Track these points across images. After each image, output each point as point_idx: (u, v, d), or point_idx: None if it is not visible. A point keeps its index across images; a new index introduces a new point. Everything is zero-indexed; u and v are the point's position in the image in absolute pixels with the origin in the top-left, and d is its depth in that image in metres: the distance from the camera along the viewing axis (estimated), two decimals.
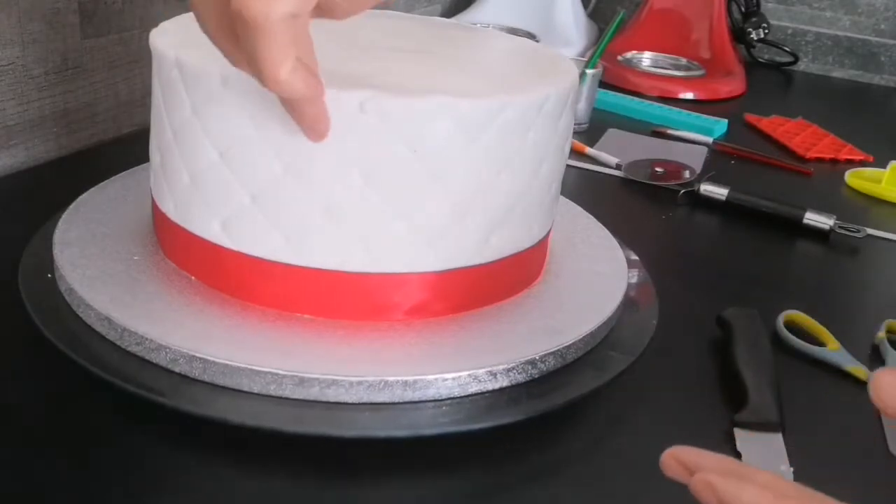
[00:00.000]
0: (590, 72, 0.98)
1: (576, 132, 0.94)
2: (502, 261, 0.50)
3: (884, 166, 0.92)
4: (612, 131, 1.01)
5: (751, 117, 1.13)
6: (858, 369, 0.56)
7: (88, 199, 0.57)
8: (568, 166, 0.57)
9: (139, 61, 0.81)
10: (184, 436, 0.44)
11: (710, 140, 1.01)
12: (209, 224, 0.48)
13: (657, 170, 0.87)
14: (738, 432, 0.49)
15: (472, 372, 0.45)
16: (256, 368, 0.43)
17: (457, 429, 0.44)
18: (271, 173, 0.45)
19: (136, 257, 0.51)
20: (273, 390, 0.43)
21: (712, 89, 1.23)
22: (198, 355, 0.43)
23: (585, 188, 0.86)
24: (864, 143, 1.05)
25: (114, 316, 0.45)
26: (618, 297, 0.53)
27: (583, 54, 1.22)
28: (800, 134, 1.07)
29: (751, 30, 1.40)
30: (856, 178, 0.94)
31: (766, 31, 1.40)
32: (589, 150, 0.93)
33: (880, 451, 0.50)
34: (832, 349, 0.58)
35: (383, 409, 0.43)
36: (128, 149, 0.72)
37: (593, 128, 1.01)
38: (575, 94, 0.52)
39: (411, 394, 0.44)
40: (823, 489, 0.46)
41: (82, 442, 0.43)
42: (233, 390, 0.43)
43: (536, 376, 0.47)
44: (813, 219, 0.78)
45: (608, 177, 0.88)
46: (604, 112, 1.08)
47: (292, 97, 0.37)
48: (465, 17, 1.34)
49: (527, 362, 0.46)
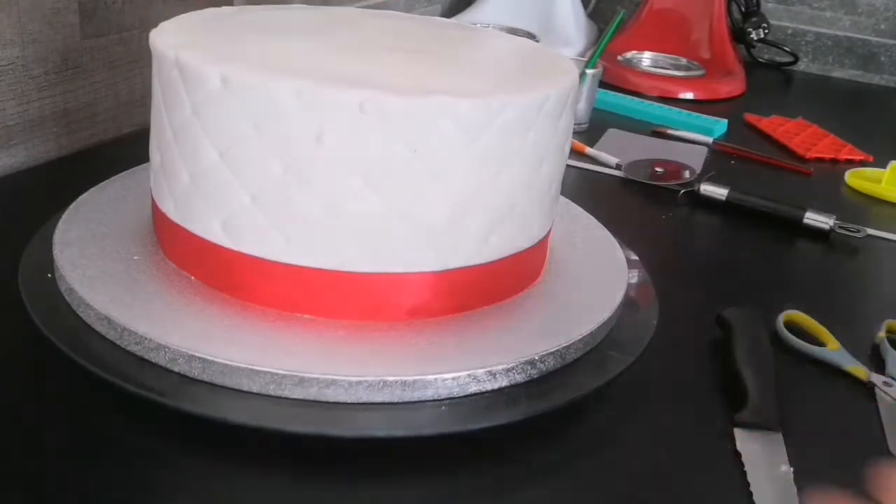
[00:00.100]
0: (590, 72, 0.98)
1: (576, 132, 0.94)
2: (502, 261, 0.50)
3: (884, 166, 0.92)
4: (612, 131, 1.01)
5: (751, 117, 1.13)
6: (858, 369, 0.56)
7: (88, 199, 0.57)
8: (568, 166, 0.57)
9: (139, 61, 0.81)
10: (183, 435, 0.44)
11: (710, 140, 1.01)
12: (209, 224, 0.48)
13: (657, 170, 0.87)
14: (738, 432, 0.49)
15: (471, 372, 0.45)
16: (256, 368, 0.43)
17: (456, 429, 0.44)
18: (271, 173, 0.45)
19: (136, 257, 0.51)
20: (272, 390, 0.43)
21: (712, 89, 1.23)
22: (197, 355, 0.43)
23: (585, 188, 0.86)
24: (864, 143, 1.05)
25: (113, 316, 0.45)
26: (618, 297, 0.53)
27: (583, 54, 1.22)
28: (800, 134, 1.07)
29: (751, 30, 1.40)
30: (856, 178, 0.94)
31: (766, 31, 1.40)
32: (589, 150, 0.93)
33: (880, 451, 0.50)
34: (832, 349, 0.58)
35: (383, 409, 0.43)
36: (128, 149, 0.72)
37: (593, 128, 1.01)
38: (575, 94, 0.52)
39: (411, 394, 0.44)
40: (823, 489, 0.46)
41: (82, 441, 0.43)
42: (232, 390, 0.43)
43: (536, 376, 0.47)
44: (813, 219, 0.78)
45: (608, 177, 0.88)
46: (604, 112, 1.08)
47: None
48: (465, 17, 1.34)
49: (526, 362, 0.46)
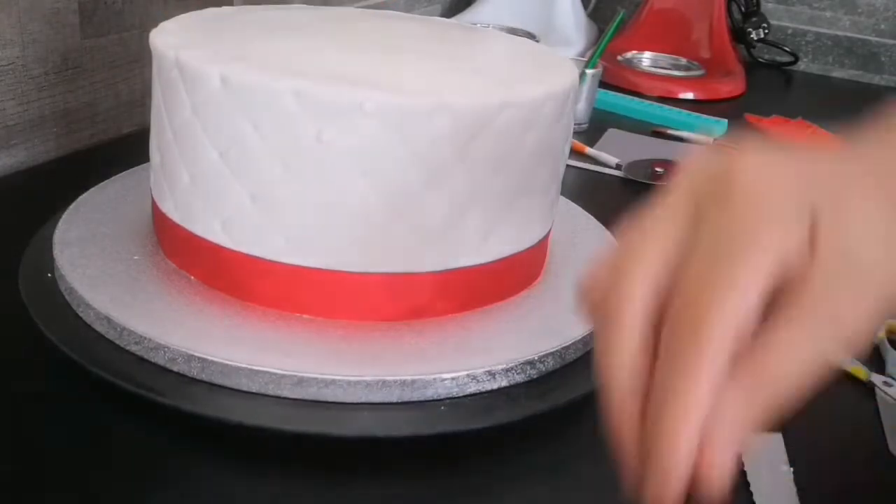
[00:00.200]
0: (590, 72, 0.98)
1: (576, 132, 0.94)
2: (502, 261, 0.50)
3: None
4: (612, 131, 1.01)
5: (751, 117, 1.13)
6: (858, 369, 0.56)
7: (88, 199, 0.57)
8: (568, 166, 0.57)
9: (139, 61, 0.81)
10: (182, 435, 0.44)
11: (710, 140, 1.01)
12: (209, 224, 0.48)
13: (657, 170, 0.87)
14: None
15: (471, 372, 0.45)
16: (255, 368, 0.43)
17: (456, 429, 0.44)
18: (271, 173, 0.45)
19: (136, 257, 0.51)
20: (271, 390, 0.43)
21: (712, 89, 1.23)
22: (196, 354, 0.43)
23: (585, 188, 0.86)
24: None
25: (113, 315, 0.45)
26: None
27: (583, 54, 1.22)
28: (800, 134, 1.07)
29: (751, 30, 1.39)
30: None
31: (766, 31, 1.40)
32: (589, 150, 0.93)
33: (880, 451, 0.50)
34: None
35: (382, 408, 0.43)
36: (128, 149, 0.72)
37: (593, 128, 1.01)
38: (575, 94, 0.52)
39: (410, 394, 0.44)
40: (823, 489, 0.46)
41: (82, 441, 0.43)
42: (231, 390, 0.43)
43: (536, 376, 0.47)
44: None
45: (608, 177, 0.88)
46: (604, 112, 1.08)
47: None
48: (465, 17, 1.34)
49: (526, 362, 0.46)
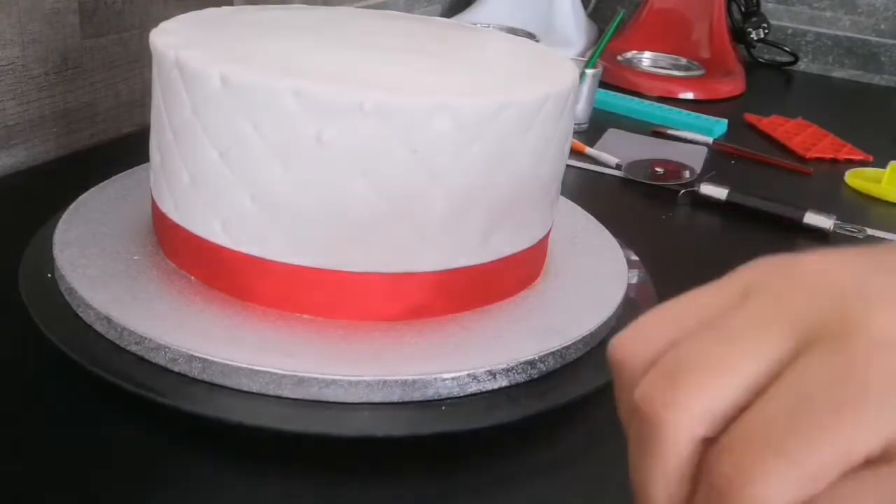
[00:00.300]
0: (590, 72, 0.98)
1: (576, 132, 0.94)
2: (502, 261, 0.50)
3: (884, 166, 0.92)
4: (612, 131, 1.01)
5: (751, 117, 1.13)
6: None
7: (88, 199, 0.57)
8: (568, 166, 0.57)
9: (139, 61, 0.81)
10: (182, 435, 0.44)
11: (710, 140, 1.01)
12: (209, 224, 0.48)
13: (657, 170, 0.87)
14: None
15: (471, 372, 0.45)
16: (255, 368, 0.43)
17: (456, 428, 0.44)
18: (271, 173, 0.45)
19: (136, 257, 0.51)
20: (272, 390, 0.43)
21: (712, 89, 1.23)
22: (197, 355, 0.43)
23: (585, 188, 0.86)
24: (864, 143, 1.05)
25: (113, 316, 0.45)
26: (618, 297, 0.53)
27: (583, 54, 1.22)
28: (800, 134, 1.07)
29: (751, 30, 1.39)
30: (856, 178, 0.94)
31: (766, 31, 1.40)
32: (589, 150, 0.93)
33: None
34: None
35: (382, 408, 0.43)
36: (128, 149, 0.72)
37: (593, 128, 1.01)
38: (575, 94, 0.52)
39: (410, 393, 0.44)
40: None
41: (82, 441, 0.43)
42: (232, 390, 0.43)
43: (536, 376, 0.47)
44: (813, 219, 0.78)
45: (608, 177, 0.88)
46: (604, 112, 1.08)
47: None
48: (465, 17, 1.34)
49: (526, 362, 0.46)
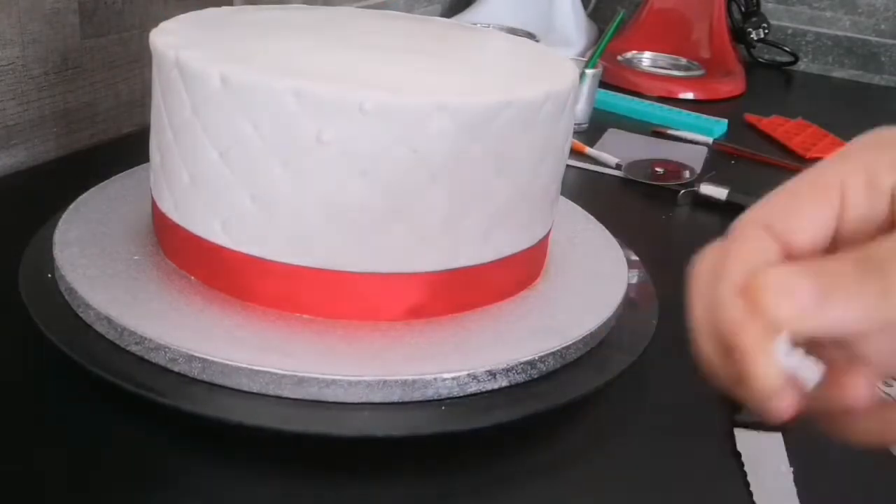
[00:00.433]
0: (590, 72, 0.98)
1: (576, 132, 0.94)
2: (502, 261, 0.50)
3: None
4: (612, 131, 1.01)
5: (751, 117, 1.13)
6: None
7: (88, 199, 0.57)
8: (568, 166, 0.57)
9: (139, 61, 0.81)
10: (182, 435, 0.44)
11: (710, 140, 1.01)
12: (209, 224, 0.48)
13: (657, 170, 0.87)
14: (738, 432, 0.49)
15: (471, 372, 0.45)
16: (255, 368, 0.43)
17: (456, 428, 0.44)
18: (271, 173, 0.45)
19: (136, 257, 0.51)
20: (272, 390, 0.43)
21: (712, 89, 1.23)
22: (197, 355, 0.43)
23: (585, 188, 0.86)
24: None
25: (113, 315, 0.45)
26: (618, 297, 0.53)
27: (583, 54, 1.22)
28: (800, 134, 1.07)
29: (751, 30, 1.39)
30: None
31: (766, 31, 1.40)
32: (589, 150, 0.93)
33: (880, 452, 0.50)
34: None
35: (382, 408, 0.43)
36: (128, 149, 0.72)
37: (593, 128, 1.01)
38: (575, 94, 0.52)
39: (410, 393, 0.44)
40: (823, 489, 0.46)
41: (82, 441, 0.43)
42: (232, 390, 0.43)
43: (536, 376, 0.47)
44: None
45: (608, 177, 0.88)
46: (604, 112, 1.08)
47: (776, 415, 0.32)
48: (465, 17, 1.34)
49: (526, 362, 0.46)
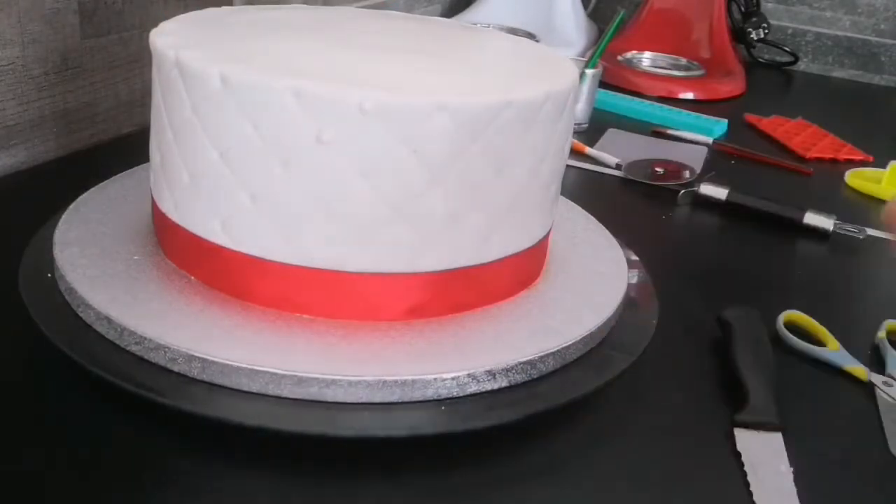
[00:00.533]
0: (590, 72, 0.98)
1: (576, 132, 0.94)
2: (502, 261, 0.50)
3: (884, 166, 0.92)
4: (612, 131, 1.01)
5: (751, 117, 1.13)
6: (858, 369, 0.56)
7: (88, 199, 0.57)
8: (568, 166, 0.57)
9: (139, 61, 0.81)
10: (183, 435, 0.44)
11: (710, 140, 1.01)
12: (209, 224, 0.48)
13: (657, 170, 0.87)
14: (738, 432, 0.49)
15: (471, 372, 0.45)
16: (255, 368, 0.43)
17: (456, 428, 0.44)
18: (271, 173, 0.45)
19: (136, 257, 0.51)
20: (272, 390, 0.43)
21: (712, 89, 1.23)
22: (197, 355, 0.43)
23: (585, 188, 0.86)
24: (864, 143, 1.05)
25: (113, 315, 0.45)
26: (618, 297, 0.53)
27: (583, 54, 1.22)
28: (800, 134, 1.07)
29: (751, 30, 1.40)
30: (856, 178, 0.94)
31: (766, 31, 1.40)
32: (589, 150, 0.93)
33: (880, 451, 0.50)
34: (832, 349, 0.58)
35: (382, 408, 0.43)
36: (128, 149, 0.72)
37: (593, 128, 1.01)
38: (575, 94, 0.52)
39: (410, 394, 0.44)
40: (823, 489, 0.46)
41: (82, 441, 0.43)
42: (232, 390, 0.43)
43: (536, 376, 0.47)
44: (813, 219, 0.78)
45: (608, 177, 0.88)
46: (604, 112, 1.08)
47: None
48: (465, 17, 1.34)
49: (526, 362, 0.46)
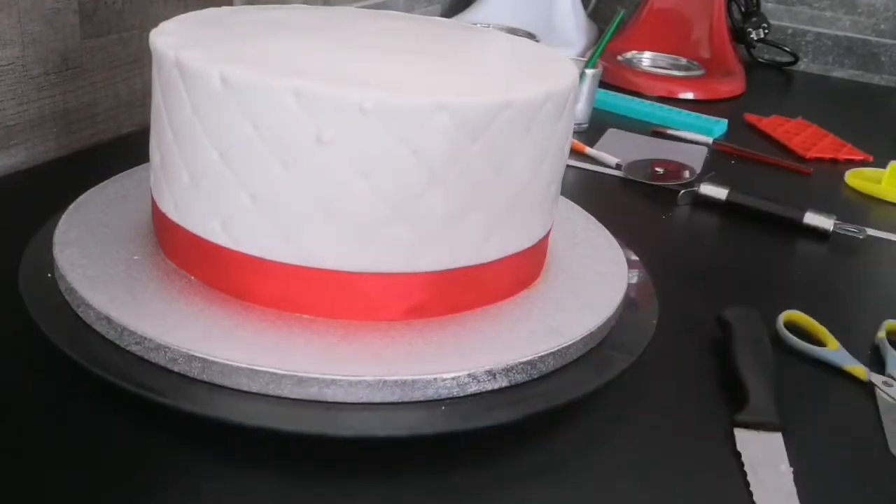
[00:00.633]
0: (590, 72, 0.98)
1: (576, 132, 0.94)
2: (502, 261, 0.50)
3: (884, 166, 0.92)
4: (612, 131, 1.01)
5: (751, 117, 1.13)
6: (858, 369, 0.56)
7: (88, 199, 0.57)
8: (568, 166, 0.57)
9: (139, 61, 0.81)
10: (183, 435, 0.44)
11: (710, 140, 1.01)
12: (209, 224, 0.48)
13: (657, 170, 0.87)
14: (738, 432, 0.49)
15: (471, 372, 0.45)
16: (255, 368, 0.43)
17: (456, 428, 0.44)
18: (271, 173, 0.45)
19: (136, 257, 0.51)
20: (272, 390, 0.43)
21: (712, 89, 1.23)
22: (197, 355, 0.43)
23: (585, 188, 0.86)
24: (864, 143, 1.05)
25: (113, 315, 0.45)
26: (618, 297, 0.53)
27: (583, 54, 1.22)
28: (800, 134, 1.07)
29: (751, 30, 1.40)
30: (856, 178, 0.94)
31: (766, 31, 1.40)
32: (589, 150, 0.93)
33: (880, 451, 0.50)
34: (832, 349, 0.58)
35: (382, 408, 0.43)
36: (128, 149, 0.73)
37: (593, 128, 1.01)
38: (575, 94, 0.52)
39: (410, 394, 0.44)
40: (823, 489, 0.46)
41: (82, 441, 0.43)
42: (232, 390, 0.43)
43: (536, 376, 0.47)
44: (813, 219, 0.78)
45: (608, 177, 0.88)
46: (604, 112, 1.08)
47: None
48: (465, 17, 1.34)
49: (526, 362, 0.46)
